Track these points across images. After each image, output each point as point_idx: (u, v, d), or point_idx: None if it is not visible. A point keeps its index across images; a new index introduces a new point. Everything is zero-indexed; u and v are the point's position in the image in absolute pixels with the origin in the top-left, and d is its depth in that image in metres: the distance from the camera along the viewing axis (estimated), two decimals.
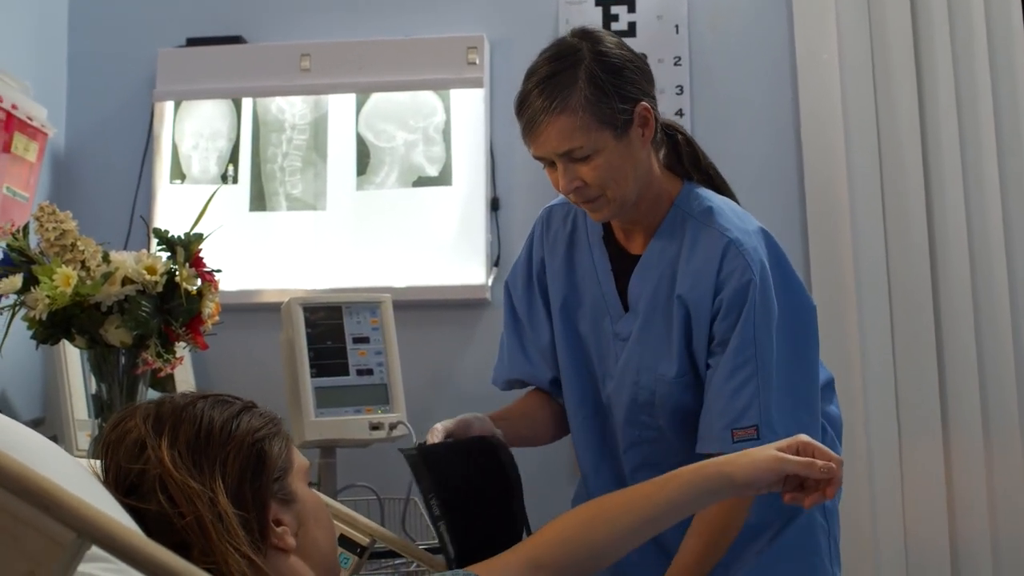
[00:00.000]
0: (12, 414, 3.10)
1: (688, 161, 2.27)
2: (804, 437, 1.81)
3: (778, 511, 2.16)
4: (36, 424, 3.20)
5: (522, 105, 2.10)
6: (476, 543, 1.92)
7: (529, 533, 2.03)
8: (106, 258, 2.45)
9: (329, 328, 3.02)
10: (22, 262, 2.43)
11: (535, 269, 2.40)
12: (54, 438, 2.97)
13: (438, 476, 1.96)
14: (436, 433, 2.06)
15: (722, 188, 2.31)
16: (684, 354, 2.17)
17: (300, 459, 1.61)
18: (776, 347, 2.09)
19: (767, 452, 1.79)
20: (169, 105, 3.74)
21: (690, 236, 2.17)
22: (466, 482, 2.01)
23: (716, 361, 2.11)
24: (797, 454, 1.77)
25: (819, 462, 1.76)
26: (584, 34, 2.12)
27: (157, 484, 1.43)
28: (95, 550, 1.00)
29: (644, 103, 2.10)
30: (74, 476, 1.35)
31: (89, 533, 0.99)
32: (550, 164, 2.12)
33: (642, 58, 2.17)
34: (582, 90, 2.04)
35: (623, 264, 2.27)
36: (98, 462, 1.53)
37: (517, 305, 2.43)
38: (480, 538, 1.95)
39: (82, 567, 1.05)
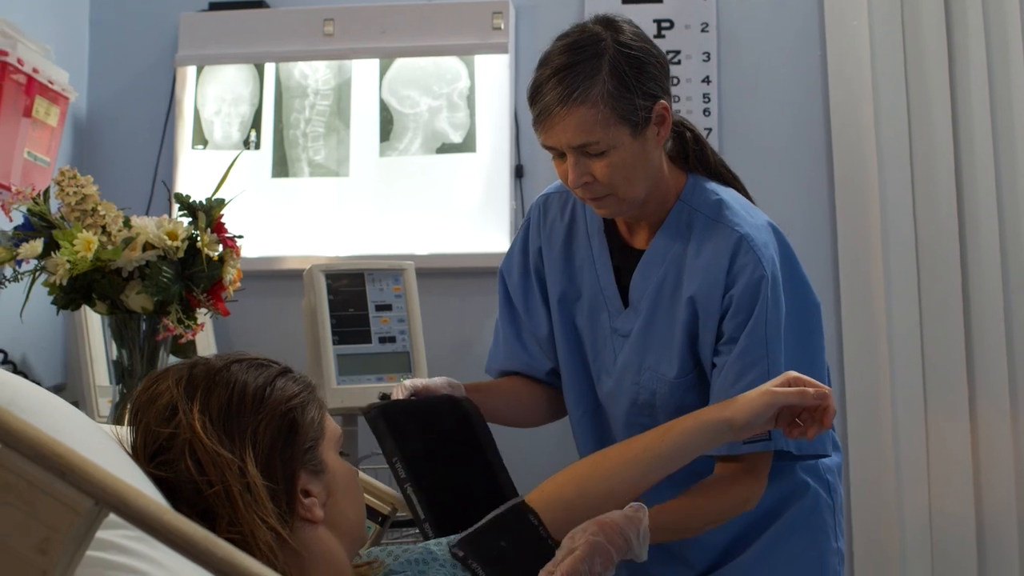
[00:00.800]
0: (34, 379, 3.09)
1: (695, 158, 2.20)
2: (793, 372, 1.87)
3: (784, 492, 2.15)
4: (57, 390, 3.20)
5: (536, 93, 2.01)
6: (451, 502, 1.89)
7: (513, 487, 2.01)
8: (127, 223, 2.44)
9: (351, 295, 3.01)
10: (43, 227, 2.42)
11: (532, 258, 2.33)
12: (75, 404, 2.94)
13: (400, 436, 1.91)
14: (402, 389, 2.02)
15: (732, 183, 2.24)
16: (687, 354, 2.11)
17: (333, 427, 1.60)
18: (785, 346, 2.05)
19: (760, 390, 1.85)
20: (191, 70, 3.72)
21: (698, 232, 2.11)
22: (432, 441, 1.97)
23: (723, 360, 2.06)
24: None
25: (811, 390, 1.82)
26: (607, 23, 2.04)
27: (186, 449, 1.42)
28: (116, 517, 0.98)
29: (663, 101, 2.03)
30: (95, 442, 1.33)
31: (107, 500, 0.96)
32: (559, 155, 2.04)
33: (663, 53, 2.09)
34: (605, 82, 1.96)
35: (625, 258, 2.21)
36: (120, 428, 1.52)
37: (513, 294, 2.37)
38: (455, 497, 1.91)
39: (101, 534, 1.03)
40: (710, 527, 2.07)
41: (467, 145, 3.60)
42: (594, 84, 1.95)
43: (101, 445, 1.34)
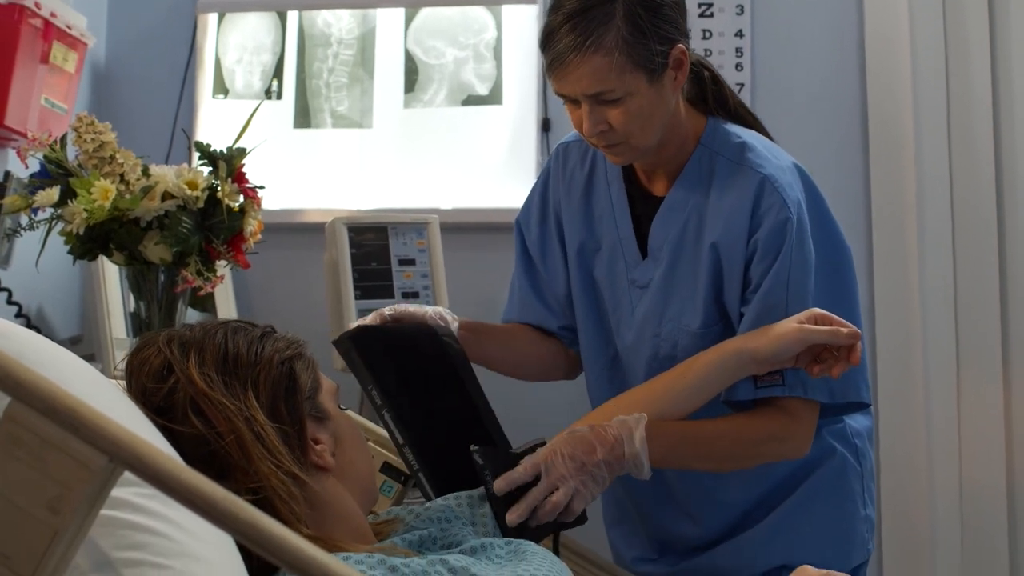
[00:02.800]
0: (49, 331, 3.07)
1: (714, 99, 2.14)
2: (819, 310, 1.86)
3: (809, 456, 2.07)
4: (74, 342, 3.18)
5: (549, 39, 1.93)
6: (431, 429, 1.85)
7: (500, 428, 1.98)
8: (146, 172, 2.40)
9: (374, 249, 2.97)
10: (59, 174, 2.39)
11: (552, 209, 2.28)
12: (91, 356, 2.94)
13: (372, 362, 1.86)
14: (378, 316, 1.98)
15: (753, 125, 2.18)
16: (712, 304, 2.05)
17: (327, 381, 1.62)
18: (815, 291, 1.99)
19: (789, 325, 1.85)
20: (213, 17, 3.67)
21: (720, 175, 2.05)
22: (406, 370, 1.90)
23: (749, 308, 2.00)
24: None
25: (843, 329, 1.81)
26: None
27: (189, 406, 1.42)
28: (129, 474, 0.94)
29: (680, 45, 1.95)
30: (109, 399, 1.29)
31: (121, 457, 0.93)
32: (573, 102, 1.98)
33: None
34: (619, 28, 1.88)
35: (645, 207, 2.15)
36: None
37: (531, 247, 2.32)
38: (435, 424, 1.87)
39: (114, 491, 0.99)
40: (737, 463, 2.02)
41: (493, 97, 3.55)
42: (608, 30, 1.88)
43: (113, 401, 1.31)
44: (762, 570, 2.15)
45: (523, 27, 3.55)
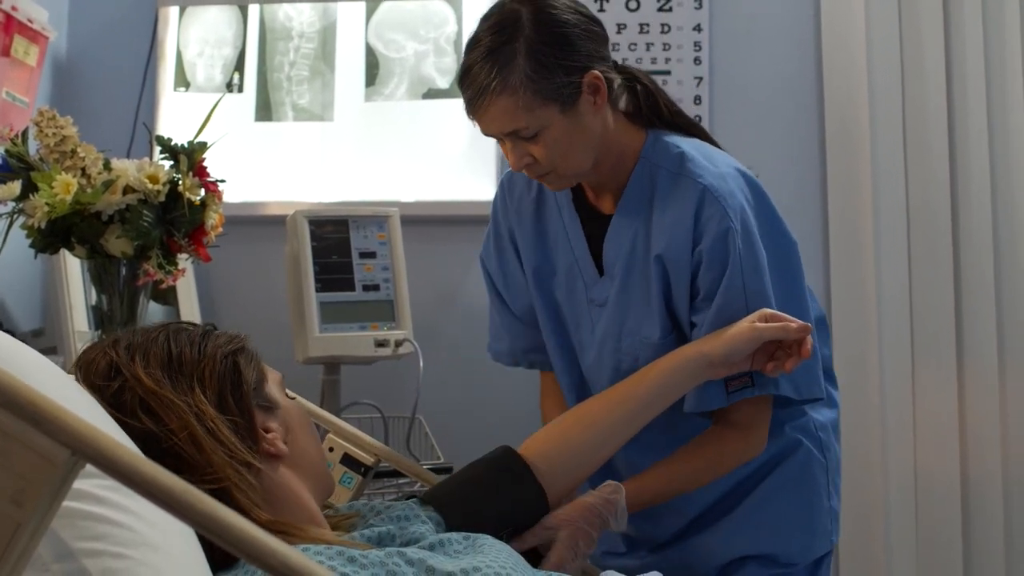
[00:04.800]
0: (11, 324, 3.07)
1: (649, 111, 2.12)
2: (768, 310, 1.90)
3: (772, 450, 2.12)
4: (36, 335, 3.17)
5: (464, 79, 1.95)
6: None
7: None
8: (107, 166, 2.40)
9: (335, 242, 2.97)
10: (21, 168, 2.38)
11: (507, 239, 2.29)
12: (53, 349, 2.94)
13: None
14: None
15: (692, 130, 2.17)
16: (666, 314, 2.07)
17: (273, 372, 1.64)
18: (771, 292, 2.00)
19: (741, 325, 1.89)
20: (174, 10, 3.67)
21: (661, 188, 2.05)
22: None
23: (701, 318, 2.00)
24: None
25: (793, 324, 1.86)
26: None
27: (139, 406, 1.44)
28: (92, 467, 0.95)
29: (594, 71, 1.94)
30: (69, 393, 1.31)
31: (83, 451, 0.94)
32: (500, 139, 2.00)
33: (593, 18, 2.00)
34: (521, 67, 1.88)
35: (596, 226, 2.15)
36: None
37: (495, 279, 2.33)
38: None
39: (76, 484, 1.01)
40: (704, 484, 2.07)
41: (454, 91, 3.54)
42: (512, 71, 1.88)
43: (73, 395, 1.32)
44: (727, 560, 2.18)
45: None
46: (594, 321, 2.16)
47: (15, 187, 2.33)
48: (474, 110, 1.94)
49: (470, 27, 3.46)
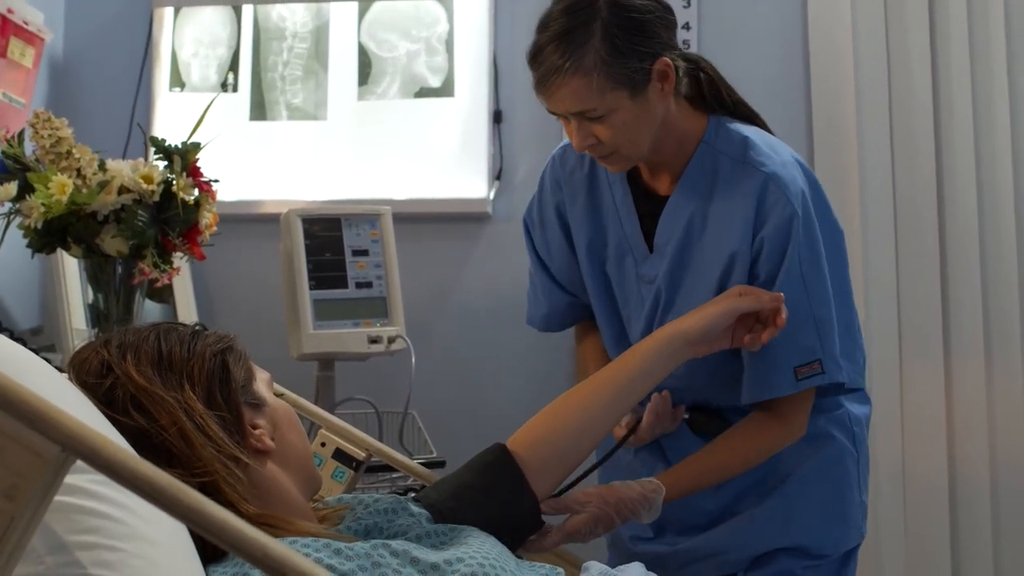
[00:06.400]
0: (10, 323, 3.10)
1: (711, 98, 2.16)
2: (741, 286, 1.95)
3: (806, 442, 2.14)
4: (35, 333, 3.20)
5: (535, 58, 1.97)
6: None
7: None
8: (102, 166, 2.43)
9: (328, 240, 3.00)
10: (17, 169, 2.41)
11: (554, 212, 2.33)
12: (51, 347, 2.97)
13: None
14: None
15: (753, 119, 2.20)
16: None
17: (261, 371, 1.66)
18: (829, 282, 2.04)
19: (715, 301, 1.92)
20: (169, 11, 3.70)
21: (723, 174, 2.08)
22: None
23: None
24: None
25: (765, 295, 1.88)
26: None
27: (130, 403, 1.46)
28: (83, 462, 0.99)
29: (664, 58, 1.97)
30: (61, 392, 1.33)
31: (74, 448, 0.97)
32: (564, 118, 2.03)
33: (666, 5, 2.03)
34: (597, 50, 1.91)
35: (650, 204, 2.19)
36: None
37: (539, 247, 2.38)
38: None
39: (68, 478, 1.04)
40: (742, 472, 2.11)
41: (445, 90, 3.60)
42: (587, 52, 1.91)
43: (66, 394, 1.35)
44: (759, 552, 2.19)
45: (475, 20, 3.59)
46: (644, 297, 2.20)
47: (12, 188, 2.36)
48: (545, 87, 1.97)
49: (462, 27, 3.53)
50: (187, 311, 3.27)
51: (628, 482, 1.94)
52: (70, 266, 3.03)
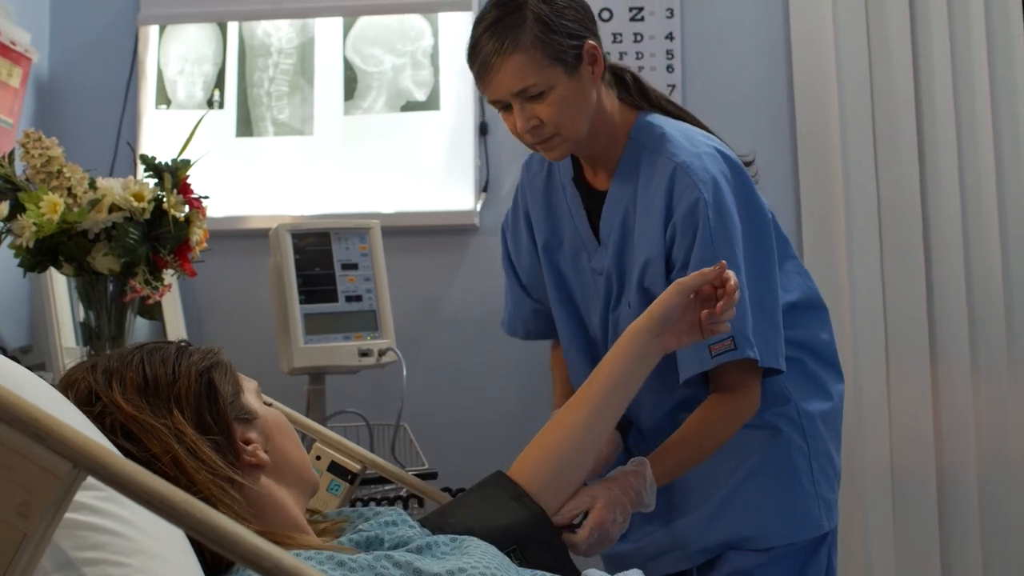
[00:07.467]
0: (0, 342, 3.09)
1: (637, 95, 2.31)
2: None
3: (748, 435, 2.22)
4: (24, 352, 3.19)
5: (473, 51, 2.14)
6: None
7: None
8: (93, 185, 2.43)
9: (318, 254, 3.00)
10: (8, 189, 2.41)
11: (523, 215, 2.48)
12: (41, 366, 2.97)
13: None
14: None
15: (678, 113, 2.35)
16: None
17: (248, 381, 1.66)
18: (741, 262, 2.11)
19: (666, 289, 1.93)
20: (154, 29, 3.70)
21: (645, 167, 2.22)
22: None
23: None
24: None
25: (708, 269, 1.90)
26: None
27: (119, 430, 1.45)
28: (90, 480, 0.99)
29: (591, 41, 2.15)
30: (64, 410, 1.34)
31: (85, 464, 0.98)
32: (505, 108, 2.17)
33: (584, 5, 2.21)
34: (531, 28, 2.08)
35: (594, 201, 2.32)
36: None
37: (511, 249, 2.53)
38: None
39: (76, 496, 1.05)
40: (712, 450, 2.15)
41: (431, 103, 3.61)
42: (522, 31, 2.08)
43: (68, 412, 1.35)
44: (708, 544, 2.27)
45: (459, 34, 3.59)
46: (599, 288, 2.32)
47: (3, 208, 2.36)
48: (487, 72, 2.12)
49: (446, 41, 3.55)
50: (177, 328, 3.27)
51: (614, 470, 2.00)
52: (60, 284, 3.03)
